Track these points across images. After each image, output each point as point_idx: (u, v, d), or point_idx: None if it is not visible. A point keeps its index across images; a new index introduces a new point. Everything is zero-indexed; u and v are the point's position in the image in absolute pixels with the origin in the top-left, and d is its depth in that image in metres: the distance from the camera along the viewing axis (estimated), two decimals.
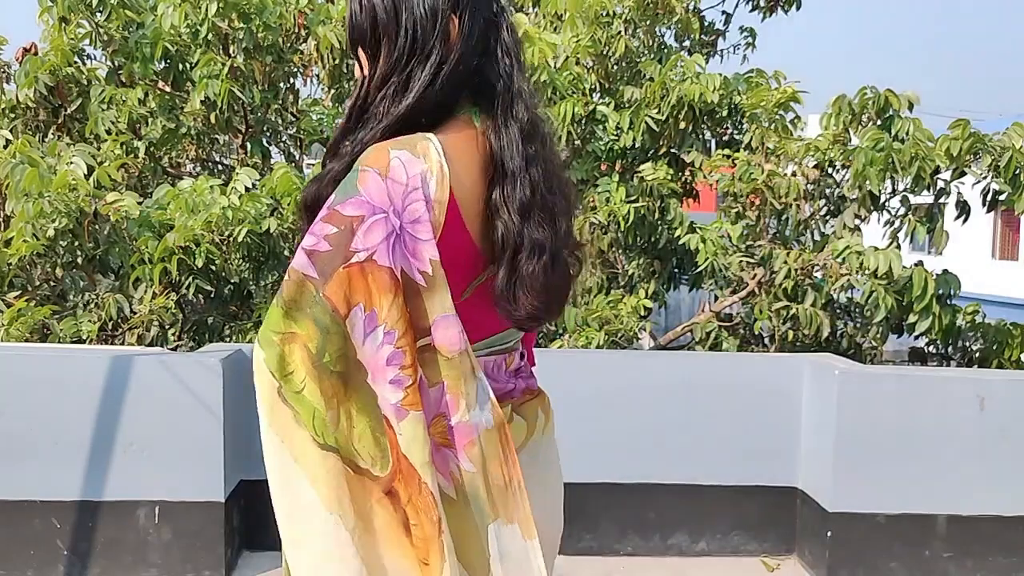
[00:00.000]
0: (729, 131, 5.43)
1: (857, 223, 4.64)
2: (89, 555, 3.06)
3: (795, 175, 4.70)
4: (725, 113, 5.16)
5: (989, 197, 4.45)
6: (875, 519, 3.22)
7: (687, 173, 5.40)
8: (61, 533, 3.05)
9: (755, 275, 4.72)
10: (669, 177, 5.01)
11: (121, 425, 3.02)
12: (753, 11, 6.35)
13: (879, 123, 4.56)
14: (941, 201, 4.49)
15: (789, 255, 4.54)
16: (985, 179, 4.40)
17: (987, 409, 3.20)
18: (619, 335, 4.72)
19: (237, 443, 3.14)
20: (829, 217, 4.89)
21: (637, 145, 5.23)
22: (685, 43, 5.99)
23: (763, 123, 4.88)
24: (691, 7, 5.63)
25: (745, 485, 3.43)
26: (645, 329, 5.20)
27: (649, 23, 5.44)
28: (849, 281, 4.38)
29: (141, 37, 4.85)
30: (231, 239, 4.11)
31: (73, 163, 4.00)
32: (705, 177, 5.11)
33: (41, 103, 5.08)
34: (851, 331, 4.83)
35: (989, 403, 3.20)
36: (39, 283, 4.24)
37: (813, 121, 5.29)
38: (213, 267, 4.14)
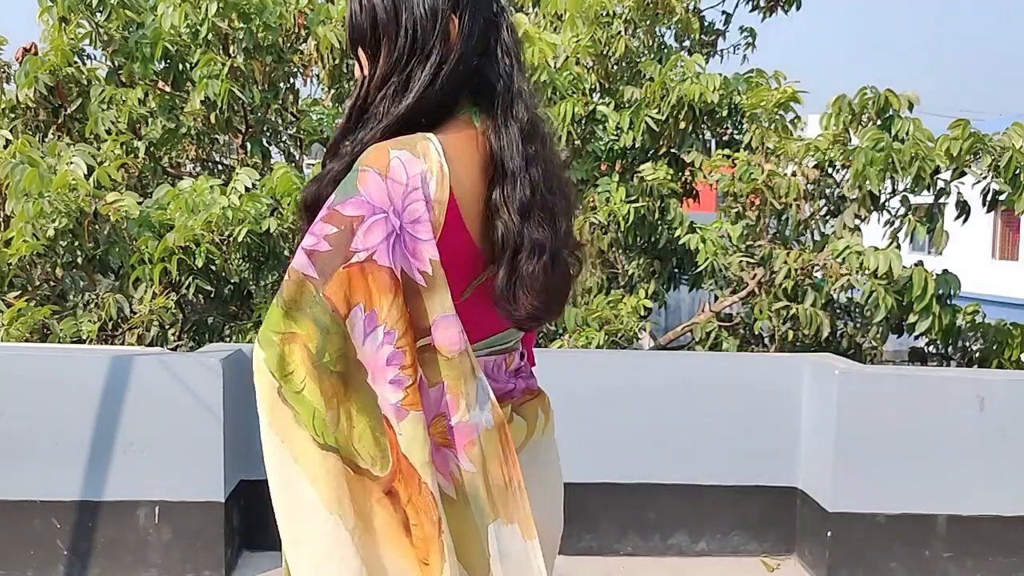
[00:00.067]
0: (729, 131, 5.43)
1: (857, 223, 4.64)
2: (89, 555, 3.06)
3: (795, 175, 4.70)
4: (725, 113, 5.16)
5: (989, 197, 4.45)
6: (875, 519, 3.22)
7: (687, 173, 5.40)
8: (61, 533, 3.05)
9: (755, 275, 4.73)
10: (669, 177, 5.01)
11: (121, 425, 3.02)
12: (753, 11, 6.35)
13: (879, 123, 4.56)
14: (941, 201, 4.50)
15: (789, 255, 4.54)
16: (985, 179, 4.40)
17: (987, 409, 3.20)
18: (619, 335, 4.72)
19: (237, 443, 3.14)
20: (829, 217, 4.89)
21: (637, 145, 5.23)
22: (685, 43, 5.99)
23: (763, 123, 4.88)
24: (691, 7, 5.63)
25: (745, 485, 3.43)
26: (645, 329, 5.20)
27: (649, 23, 5.44)
28: (849, 281, 4.38)
29: (141, 37, 4.86)
30: (231, 239, 4.11)
31: (73, 163, 4.00)
32: (705, 177, 5.11)
33: (41, 103, 5.08)
34: (851, 331, 4.83)
35: (989, 403, 3.20)
36: (39, 283, 4.24)
37: (813, 121, 5.29)
38: (213, 267, 4.14)
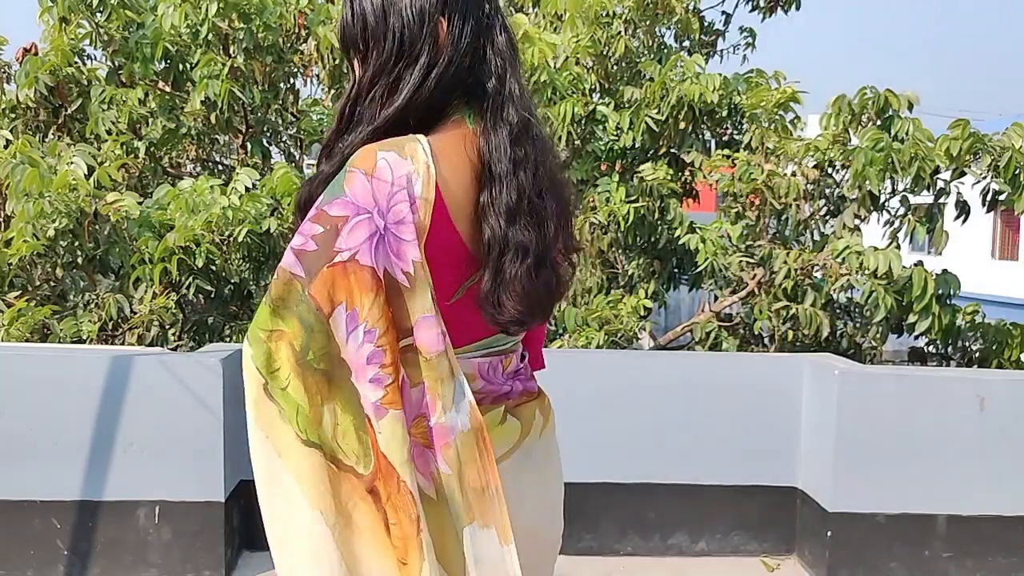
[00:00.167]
0: (729, 131, 5.43)
1: (857, 223, 4.64)
2: (89, 555, 3.06)
3: (795, 175, 4.70)
4: (725, 113, 5.16)
5: (989, 197, 4.45)
6: (875, 519, 3.23)
7: (687, 173, 5.41)
8: (61, 533, 3.05)
9: (755, 275, 4.73)
10: (669, 177, 5.01)
11: (121, 425, 3.02)
12: (753, 11, 6.35)
13: (879, 123, 4.56)
14: (941, 201, 4.50)
15: (789, 255, 4.54)
16: (985, 179, 4.40)
17: (987, 409, 3.20)
18: (619, 335, 4.73)
19: (237, 443, 3.14)
20: (829, 217, 4.90)
21: (637, 145, 5.23)
22: (685, 43, 5.99)
23: (763, 123, 4.88)
24: (691, 7, 5.63)
25: (745, 485, 3.43)
26: (645, 329, 5.20)
27: (649, 23, 5.45)
28: (849, 281, 4.38)
29: (141, 37, 4.86)
30: (231, 239, 4.11)
31: (73, 163, 4.01)
32: (705, 177, 5.11)
33: (41, 103, 5.08)
34: (851, 331, 4.83)
35: (989, 403, 3.20)
36: (39, 283, 4.25)
37: (813, 121, 5.29)
38: (213, 267, 4.15)
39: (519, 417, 1.30)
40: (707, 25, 6.31)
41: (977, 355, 4.67)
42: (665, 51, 5.66)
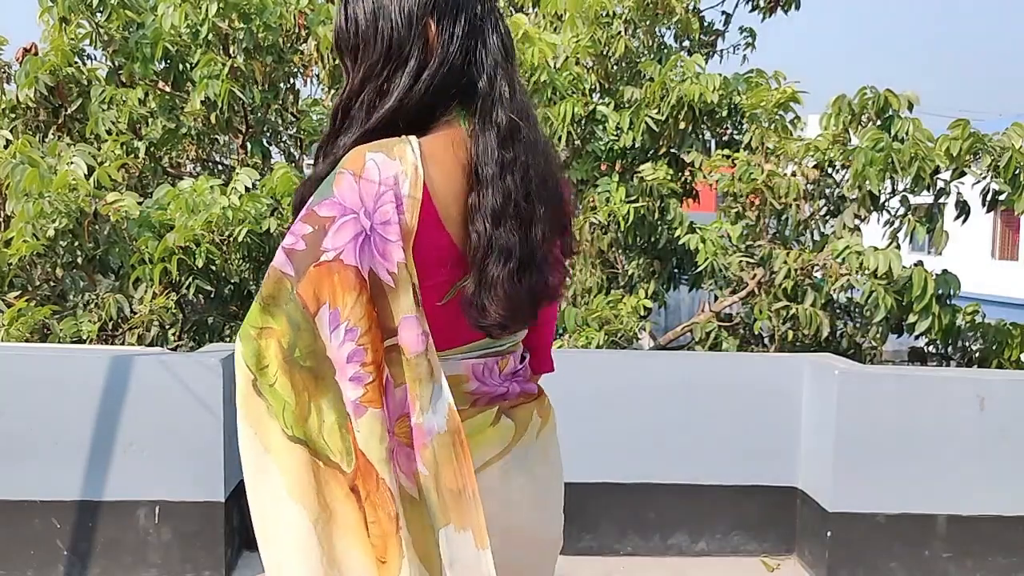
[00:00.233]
0: (729, 131, 5.43)
1: (857, 223, 4.64)
2: (89, 555, 3.06)
3: (795, 175, 4.70)
4: (725, 113, 5.16)
5: (989, 197, 4.45)
6: (875, 519, 3.23)
7: (687, 173, 5.40)
8: (61, 533, 3.05)
9: (755, 275, 4.73)
10: (669, 177, 5.01)
11: (121, 425, 3.02)
12: (753, 11, 6.35)
13: (879, 123, 4.56)
14: (941, 201, 4.50)
15: (789, 255, 4.54)
16: (985, 179, 4.40)
17: (987, 409, 3.20)
18: (619, 335, 4.73)
19: (237, 443, 3.13)
20: (829, 217, 4.90)
21: (637, 145, 5.23)
22: (685, 43, 5.99)
23: (763, 123, 4.88)
24: (691, 7, 5.63)
25: (745, 485, 3.43)
26: (645, 329, 5.20)
27: (649, 23, 5.45)
28: (849, 281, 4.38)
29: (141, 37, 4.86)
30: (231, 239, 4.11)
31: (73, 163, 4.01)
32: (705, 177, 5.11)
33: (41, 103, 5.08)
34: (851, 331, 4.83)
35: (989, 403, 3.20)
36: (39, 283, 4.25)
37: (813, 121, 5.29)
38: (213, 267, 4.15)
39: (514, 418, 1.29)
40: (707, 25, 6.30)
41: (977, 355, 4.67)
42: (665, 51, 5.66)
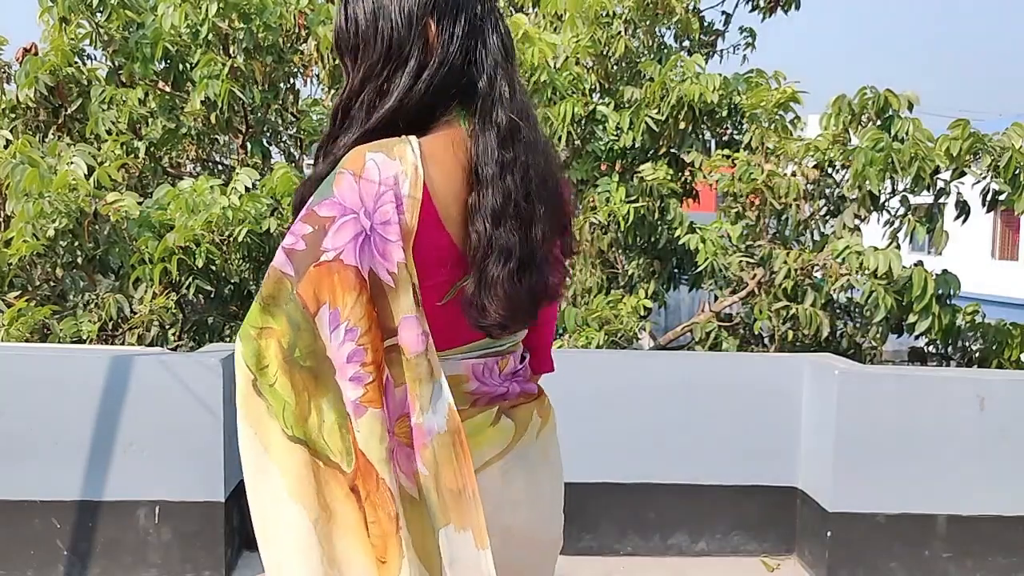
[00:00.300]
0: (729, 131, 5.43)
1: (857, 223, 4.64)
2: (89, 555, 3.06)
3: (795, 175, 4.70)
4: (725, 113, 5.16)
5: (989, 197, 4.45)
6: (875, 519, 3.23)
7: (687, 173, 5.40)
8: (61, 533, 3.05)
9: (755, 275, 4.73)
10: (669, 177, 5.01)
11: (121, 425, 3.02)
12: (753, 11, 6.35)
13: (879, 123, 4.56)
14: (941, 201, 4.50)
15: (789, 255, 4.54)
16: (985, 179, 4.40)
17: (987, 409, 3.20)
18: (619, 335, 4.73)
19: (237, 443, 3.13)
20: (829, 217, 4.90)
21: (637, 145, 5.23)
22: (685, 43, 5.99)
23: (763, 123, 4.88)
24: (691, 7, 5.63)
25: (745, 485, 3.43)
26: (645, 329, 5.20)
27: (649, 23, 5.44)
28: (849, 281, 4.38)
29: (141, 37, 4.86)
30: (231, 239, 4.11)
31: (73, 163, 4.01)
32: (705, 177, 5.11)
33: (41, 103, 5.08)
34: (851, 331, 4.83)
35: (989, 403, 3.20)
36: (39, 283, 4.25)
37: (813, 121, 5.29)
38: (213, 267, 4.15)
39: (514, 418, 1.29)
40: (707, 25, 6.30)
41: (977, 355, 4.67)
42: (665, 51, 5.66)
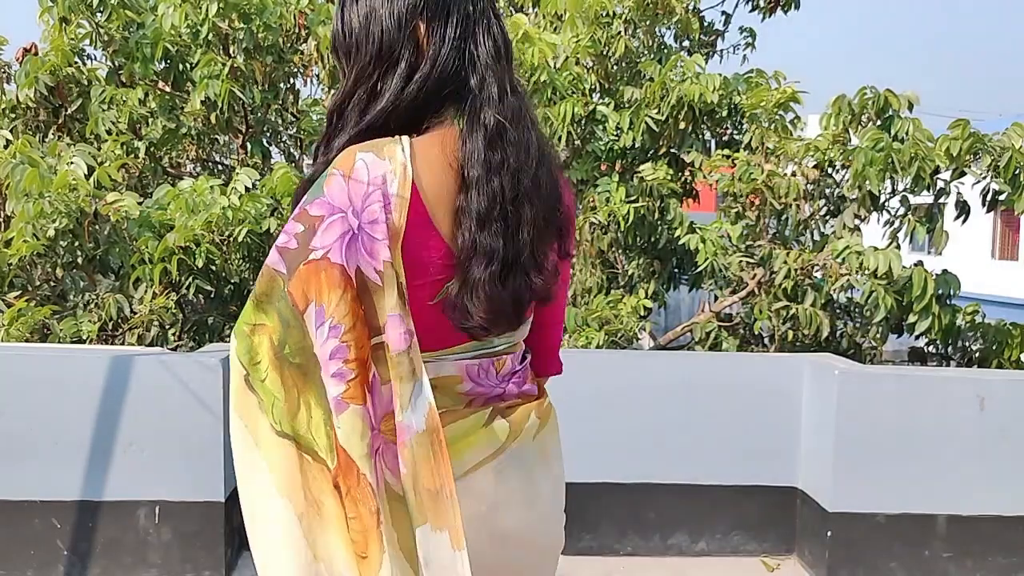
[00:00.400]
0: (729, 131, 5.43)
1: (857, 223, 4.64)
2: (89, 555, 3.07)
3: (795, 175, 4.70)
4: (725, 113, 5.16)
5: (989, 197, 4.45)
6: (875, 519, 3.23)
7: (687, 173, 5.40)
8: (61, 533, 3.05)
9: (755, 275, 4.73)
10: (669, 177, 5.01)
11: (121, 425, 3.02)
12: (753, 11, 6.34)
13: (879, 123, 4.56)
14: (941, 201, 4.50)
15: (789, 255, 4.54)
16: (985, 179, 4.40)
17: (987, 409, 3.20)
18: (619, 335, 4.73)
19: None
20: (829, 217, 4.89)
21: (637, 145, 5.23)
22: (685, 43, 5.99)
23: (763, 123, 4.88)
24: (691, 7, 5.63)
25: (745, 485, 3.43)
26: (645, 329, 5.20)
27: (649, 23, 5.44)
28: (849, 281, 4.38)
29: (141, 37, 4.86)
30: (231, 239, 4.11)
31: (73, 163, 4.01)
32: (705, 177, 5.11)
33: (41, 103, 5.08)
34: (851, 331, 4.83)
35: (989, 403, 3.20)
36: (39, 283, 4.25)
37: (813, 121, 5.29)
38: (213, 267, 4.15)
39: (509, 420, 1.28)
40: (707, 25, 6.30)
41: (977, 355, 4.67)
42: (665, 51, 5.66)
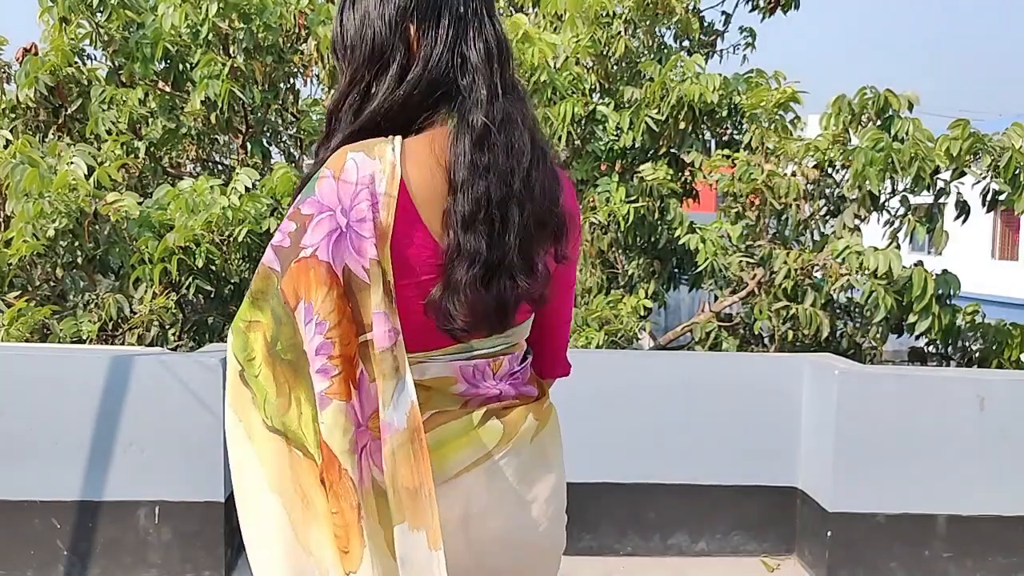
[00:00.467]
0: (729, 131, 5.43)
1: (857, 223, 4.64)
2: (89, 555, 3.06)
3: (795, 175, 4.70)
4: (725, 113, 5.16)
5: (989, 197, 4.45)
6: (875, 519, 3.23)
7: (687, 173, 5.41)
8: (61, 533, 3.05)
9: (755, 275, 4.73)
10: (669, 177, 5.01)
11: (121, 425, 3.02)
12: (753, 11, 6.34)
13: (879, 123, 4.56)
14: (941, 201, 4.50)
15: (789, 255, 4.54)
16: (985, 179, 4.40)
17: (987, 409, 3.20)
18: (619, 335, 4.73)
19: None
20: (829, 217, 4.90)
21: (637, 145, 5.23)
22: (685, 43, 5.99)
23: (763, 123, 4.88)
24: (691, 7, 5.63)
25: (745, 485, 3.43)
26: (645, 329, 5.20)
27: (649, 23, 5.45)
28: (849, 281, 4.38)
29: (141, 37, 4.86)
30: (231, 239, 4.11)
31: (73, 163, 4.01)
32: (705, 177, 5.11)
33: (41, 103, 5.08)
34: (851, 331, 4.83)
35: (989, 403, 3.20)
36: (39, 283, 4.25)
37: (813, 121, 5.29)
38: (213, 267, 4.15)
39: (503, 420, 1.27)
40: (707, 25, 6.30)
41: (977, 355, 4.67)
42: (665, 51, 5.66)
